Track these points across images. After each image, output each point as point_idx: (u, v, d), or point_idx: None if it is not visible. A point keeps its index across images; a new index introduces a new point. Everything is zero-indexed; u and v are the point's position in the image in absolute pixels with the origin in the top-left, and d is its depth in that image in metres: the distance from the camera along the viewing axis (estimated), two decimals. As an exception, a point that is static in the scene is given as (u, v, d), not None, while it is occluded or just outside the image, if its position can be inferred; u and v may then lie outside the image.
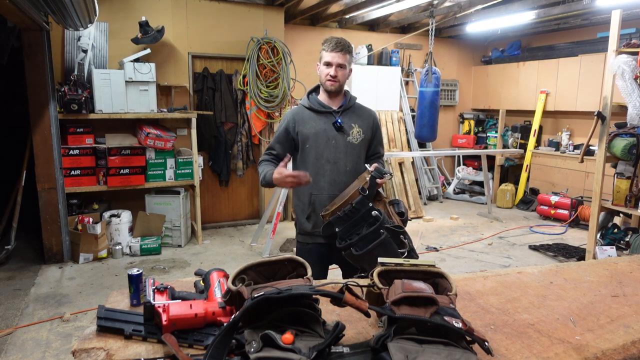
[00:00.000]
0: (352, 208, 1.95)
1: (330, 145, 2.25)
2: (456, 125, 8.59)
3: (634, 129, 4.01)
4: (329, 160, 2.25)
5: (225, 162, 5.81)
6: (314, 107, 2.29)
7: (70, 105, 4.39)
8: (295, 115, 2.32)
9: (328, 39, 2.28)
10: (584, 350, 1.31)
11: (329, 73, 2.22)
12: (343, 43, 2.24)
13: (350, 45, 2.29)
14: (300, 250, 2.35)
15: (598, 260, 2.21)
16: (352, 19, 6.87)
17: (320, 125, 2.26)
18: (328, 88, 2.26)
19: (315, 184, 2.23)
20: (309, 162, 2.27)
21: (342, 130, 2.26)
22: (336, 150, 2.25)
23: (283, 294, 1.16)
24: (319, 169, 2.25)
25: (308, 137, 2.26)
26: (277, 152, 2.33)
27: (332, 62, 2.22)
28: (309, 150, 2.27)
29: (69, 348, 3.00)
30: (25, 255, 4.75)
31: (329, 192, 2.23)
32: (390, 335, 1.15)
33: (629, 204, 4.05)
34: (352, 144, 2.27)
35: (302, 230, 2.33)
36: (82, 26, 4.14)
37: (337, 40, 2.24)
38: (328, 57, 2.23)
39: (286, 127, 2.31)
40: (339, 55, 2.22)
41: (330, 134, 2.25)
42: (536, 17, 5.96)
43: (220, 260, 4.80)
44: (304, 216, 2.30)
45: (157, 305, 1.30)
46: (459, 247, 5.31)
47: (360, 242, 1.90)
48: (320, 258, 2.29)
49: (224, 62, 5.73)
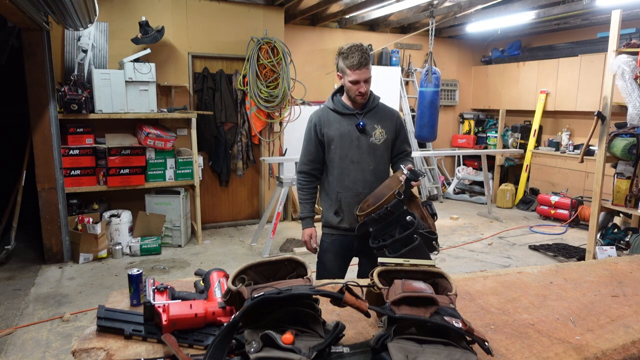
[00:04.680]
0: (386, 211, 2.04)
1: (354, 146, 2.33)
2: (456, 125, 8.59)
3: (634, 129, 4.00)
4: (353, 160, 2.34)
5: (225, 162, 5.81)
6: (338, 109, 2.36)
7: (70, 105, 4.39)
8: (320, 117, 2.40)
9: (347, 52, 2.23)
10: (584, 350, 1.31)
11: (358, 90, 2.26)
12: (365, 56, 2.21)
13: (367, 51, 2.26)
14: (324, 242, 2.47)
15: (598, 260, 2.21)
16: (352, 19, 6.87)
17: (344, 127, 2.34)
18: (359, 102, 2.32)
19: (341, 182, 2.35)
20: (334, 162, 2.37)
21: (365, 132, 2.32)
22: (360, 150, 2.33)
23: (283, 294, 1.16)
24: (344, 169, 2.35)
25: (333, 138, 2.35)
26: (313, 157, 2.43)
27: (360, 79, 2.23)
28: (334, 151, 2.36)
29: (69, 348, 2.99)
30: (25, 255, 4.75)
31: (354, 190, 2.33)
32: (390, 335, 1.15)
33: (629, 204, 4.05)
34: (375, 145, 2.34)
35: (328, 223, 2.44)
36: (82, 26, 4.14)
37: (359, 56, 2.19)
38: (354, 75, 2.23)
39: (313, 130, 2.40)
40: (364, 70, 2.22)
41: (354, 135, 2.33)
42: (536, 17, 5.96)
43: (220, 260, 4.80)
44: (331, 211, 2.40)
45: (157, 305, 1.30)
46: (459, 247, 5.31)
47: (394, 244, 1.99)
48: (342, 249, 2.41)
49: (224, 62, 5.73)
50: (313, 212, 2.50)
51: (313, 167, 2.44)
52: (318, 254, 2.50)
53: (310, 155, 2.43)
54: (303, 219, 2.48)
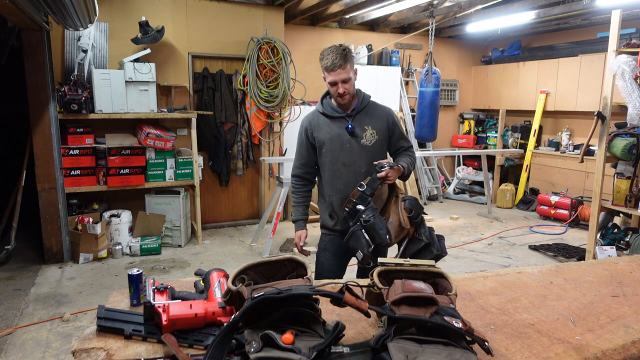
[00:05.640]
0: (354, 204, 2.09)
1: (345, 149, 2.33)
2: (456, 125, 8.59)
3: (634, 129, 4.01)
4: (344, 163, 2.34)
5: (225, 162, 5.81)
6: (327, 112, 2.36)
7: (70, 105, 4.39)
8: (311, 120, 2.41)
9: (323, 54, 2.24)
10: (584, 350, 1.31)
11: (337, 91, 2.26)
12: (339, 57, 2.19)
13: (345, 50, 2.23)
14: (323, 241, 2.50)
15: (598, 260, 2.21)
16: (352, 19, 6.87)
17: (334, 130, 2.34)
18: (340, 102, 2.32)
19: (333, 186, 2.37)
20: (326, 165, 2.38)
21: (354, 134, 2.32)
22: (351, 153, 2.33)
23: (283, 294, 1.16)
24: (335, 172, 2.36)
25: (324, 142, 2.36)
26: (305, 161, 2.46)
27: (336, 80, 2.23)
28: (325, 155, 2.37)
29: (69, 348, 2.99)
30: (25, 255, 4.75)
31: (346, 193, 2.30)
32: (390, 335, 1.15)
33: (629, 204, 4.05)
34: (366, 146, 2.33)
35: (324, 225, 2.48)
36: (82, 26, 4.14)
37: (332, 57, 2.19)
38: (330, 77, 2.23)
39: (304, 134, 2.42)
40: (339, 71, 2.21)
41: (345, 138, 2.32)
42: (536, 17, 5.96)
43: (220, 260, 4.80)
44: (326, 214, 2.45)
45: (157, 305, 1.30)
46: (459, 247, 5.31)
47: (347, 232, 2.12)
48: (340, 248, 2.42)
49: (224, 62, 5.73)
50: (306, 214, 2.52)
51: (305, 170, 2.47)
52: (317, 253, 2.53)
53: (302, 159, 2.46)
54: (295, 222, 2.50)
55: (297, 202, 2.51)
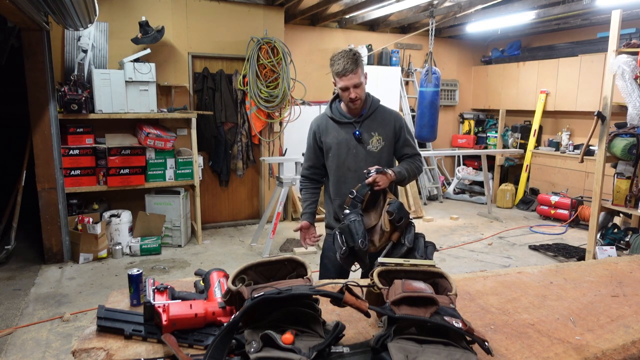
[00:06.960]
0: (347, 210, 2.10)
1: (351, 155, 2.34)
2: (456, 125, 8.59)
3: (634, 129, 4.01)
4: (350, 168, 2.35)
5: (225, 162, 5.81)
6: (335, 117, 2.37)
7: (70, 105, 4.39)
8: (319, 124, 2.42)
9: (334, 59, 2.22)
10: (584, 350, 1.31)
11: (349, 96, 2.25)
12: (350, 61, 2.18)
13: (356, 55, 2.22)
14: (327, 241, 2.51)
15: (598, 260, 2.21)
16: (352, 19, 6.87)
17: (341, 135, 2.35)
18: (353, 108, 2.31)
19: (338, 190, 2.39)
20: (332, 169, 2.41)
21: (361, 141, 2.33)
22: (357, 159, 2.33)
23: (283, 294, 1.16)
24: (341, 177, 2.38)
25: (331, 146, 2.37)
26: (313, 163, 2.49)
27: (348, 85, 2.21)
28: (332, 159, 2.39)
29: (69, 348, 2.99)
30: (25, 255, 4.75)
31: None
32: (390, 335, 1.15)
33: (629, 204, 4.05)
34: (372, 152, 2.34)
35: (329, 225, 2.50)
36: (82, 26, 4.14)
37: (343, 62, 2.18)
38: (341, 82, 2.22)
39: (313, 137, 2.44)
40: (350, 76, 2.19)
41: (351, 143, 2.33)
42: (536, 17, 5.96)
43: (220, 260, 4.80)
44: (330, 216, 2.48)
45: (157, 305, 1.30)
46: (459, 247, 5.31)
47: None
48: None
49: (224, 62, 5.73)
50: (313, 209, 2.53)
51: (313, 172, 2.50)
52: (321, 253, 2.54)
53: (310, 161, 2.49)
54: (302, 214, 2.52)
55: (305, 198, 2.54)
